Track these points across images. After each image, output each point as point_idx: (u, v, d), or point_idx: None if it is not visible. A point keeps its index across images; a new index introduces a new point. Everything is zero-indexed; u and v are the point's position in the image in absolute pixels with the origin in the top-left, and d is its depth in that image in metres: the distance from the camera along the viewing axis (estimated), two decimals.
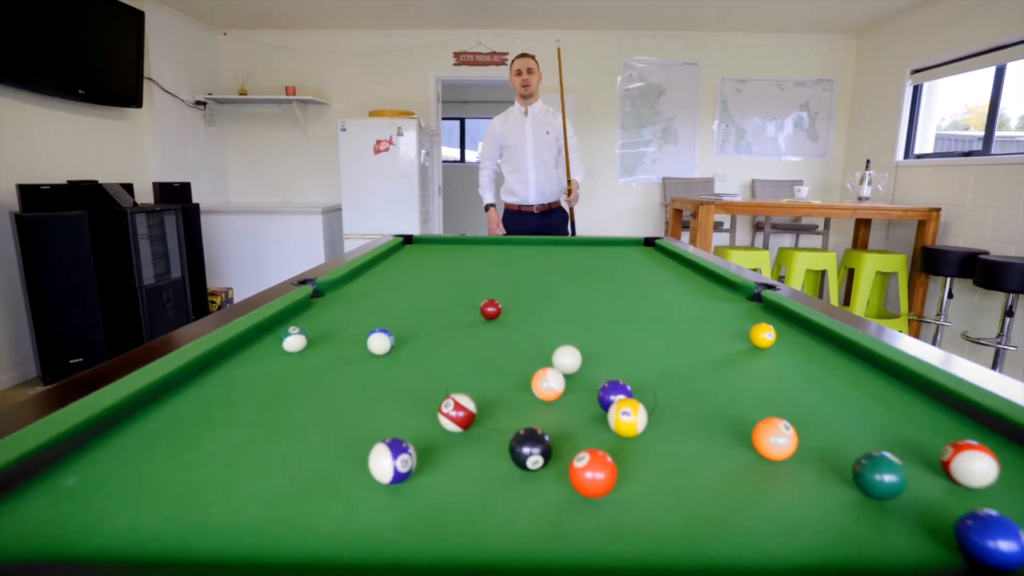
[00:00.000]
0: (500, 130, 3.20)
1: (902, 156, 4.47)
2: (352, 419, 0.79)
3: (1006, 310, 3.21)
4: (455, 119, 8.27)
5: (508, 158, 3.21)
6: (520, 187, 3.21)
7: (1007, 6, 3.50)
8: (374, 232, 4.63)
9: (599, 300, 1.60)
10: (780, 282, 1.52)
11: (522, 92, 3.10)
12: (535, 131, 3.14)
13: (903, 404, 0.86)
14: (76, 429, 0.68)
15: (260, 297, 1.43)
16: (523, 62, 3.08)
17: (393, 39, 5.07)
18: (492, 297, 1.38)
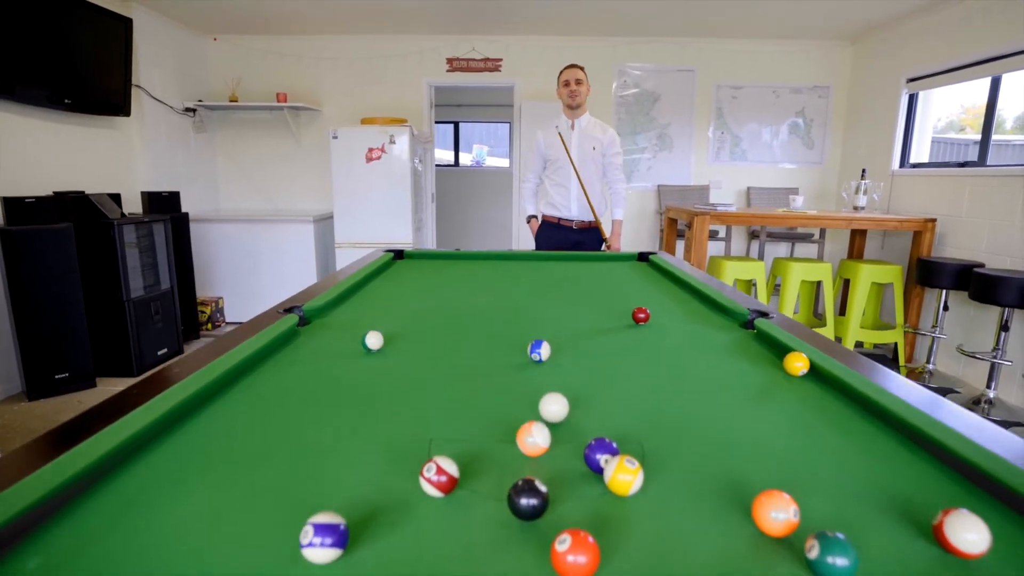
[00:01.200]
0: (545, 142, 3.16)
1: (898, 165, 4.45)
2: (324, 480, 0.75)
3: (1001, 324, 3.19)
4: (449, 123, 8.23)
5: (552, 171, 3.18)
6: (562, 201, 3.17)
7: (1004, 17, 3.49)
8: (366, 241, 4.58)
9: (589, 326, 1.57)
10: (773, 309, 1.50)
11: (569, 103, 3.06)
12: (581, 144, 3.09)
13: (896, 456, 0.84)
14: (42, 500, 0.64)
15: (245, 329, 1.39)
16: (571, 73, 3.03)
17: (386, 44, 5.03)
18: (480, 321, 1.35)
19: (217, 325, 4.64)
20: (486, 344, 1.39)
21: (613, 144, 3.13)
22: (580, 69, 3.04)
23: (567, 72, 3.04)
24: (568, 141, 3.08)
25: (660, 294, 2.03)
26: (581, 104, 3.06)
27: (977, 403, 3.29)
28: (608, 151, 3.12)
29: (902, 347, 3.97)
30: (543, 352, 1.23)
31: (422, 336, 1.44)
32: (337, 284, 1.86)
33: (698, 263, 3.85)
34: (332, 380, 1.12)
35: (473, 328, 1.54)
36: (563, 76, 3.05)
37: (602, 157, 3.12)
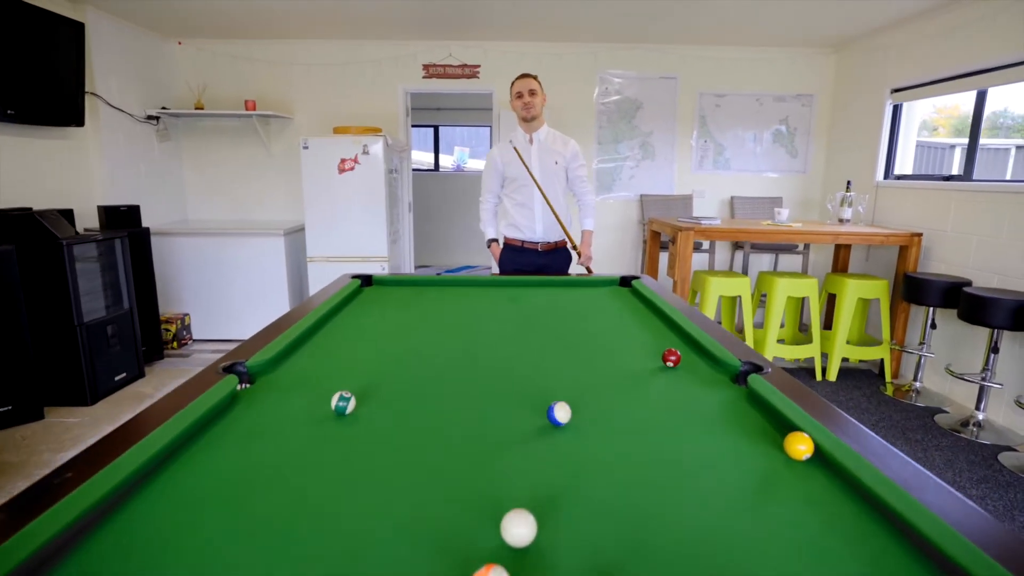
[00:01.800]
0: (502, 159, 2.91)
1: (882, 176, 4.38)
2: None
3: (991, 346, 3.12)
4: (429, 126, 8.05)
5: (512, 190, 2.93)
6: (525, 222, 2.93)
7: (990, 29, 3.42)
8: (340, 255, 4.40)
9: (572, 378, 1.43)
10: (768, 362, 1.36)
11: (524, 115, 2.81)
12: (542, 160, 2.87)
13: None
14: None
15: (175, 396, 1.23)
16: (523, 83, 2.77)
17: (359, 50, 4.84)
18: (459, 370, 1.20)
19: (183, 343, 4.43)
20: (466, 403, 1.25)
21: (576, 156, 2.92)
22: (533, 78, 2.79)
23: (519, 82, 2.79)
24: (527, 157, 2.86)
25: (644, 331, 1.90)
26: (537, 116, 2.82)
27: (966, 425, 3.22)
28: (571, 164, 2.91)
29: (888, 363, 3.89)
30: (561, 415, 1.13)
31: (389, 397, 1.29)
32: (291, 328, 1.70)
33: (682, 280, 3.74)
34: (273, 468, 0.97)
35: (452, 380, 1.40)
36: (515, 87, 2.79)
37: (565, 171, 2.92)
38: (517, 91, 2.78)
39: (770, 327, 3.82)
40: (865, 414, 3.38)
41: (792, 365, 4.14)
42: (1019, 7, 3.24)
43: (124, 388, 3.57)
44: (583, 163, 2.95)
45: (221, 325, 4.55)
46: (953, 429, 3.22)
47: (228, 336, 4.55)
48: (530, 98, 2.76)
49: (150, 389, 3.56)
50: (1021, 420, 3.14)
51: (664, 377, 1.49)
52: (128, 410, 3.24)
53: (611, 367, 1.57)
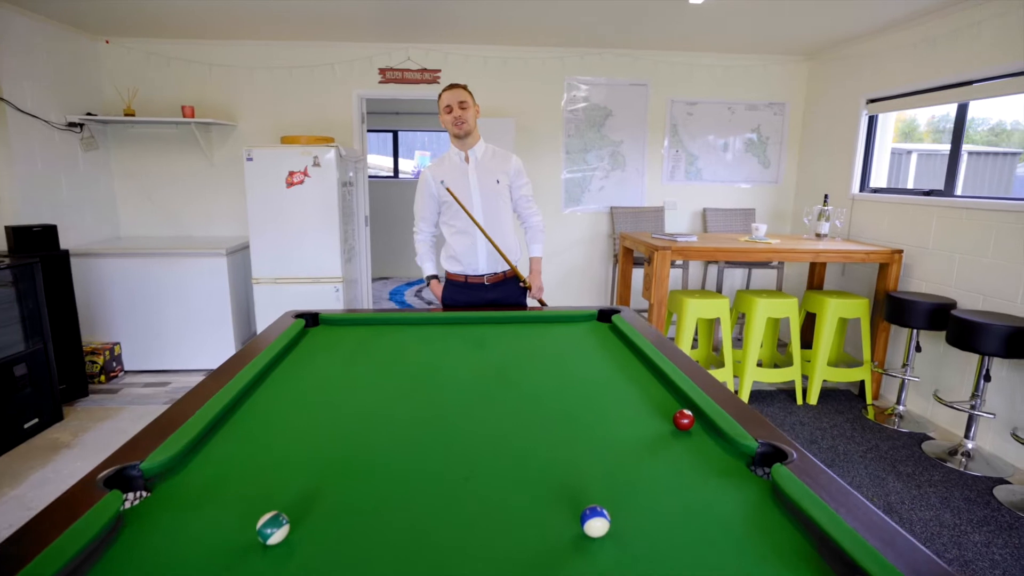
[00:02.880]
0: (436, 182, 2.54)
1: (858, 189, 4.26)
2: None
3: (982, 373, 2.98)
4: (387, 131, 7.69)
5: (450, 216, 2.56)
6: (467, 254, 2.56)
7: (972, 41, 3.30)
8: (288, 276, 4.03)
9: (554, 461, 1.15)
10: (791, 449, 1.08)
11: (456, 132, 2.47)
12: (481, 181, 2.52)
13: None
14: None
15: (44, 519, 0.91)
16: (452, 95, 2.42)
17: (310, 52, 4.47)
18: (424, 458, 0.90)
19: (113, 375, 3.99)
20: (447, 515, 0.96)
21: (520, 174, 2.60)
22: (463, 89, 2.45)
23: (447, 94, 2.43)
24: (464, 177, 2.52)
25: (634, 383, 1.65)
26: (471, 131, 2.48)
27: (953, 454, 3.09)
28: (515, 182, 2.59)
29: (869, 385, 3.76)
30: (596, 529, 0.93)
31: (337, 510, 0.98)
32: (209, 403, 1.37)
33: (659, 302, 3.52)
34: None
35: (421, 477, 1.11)
36: (442, 99, 2.44)
37: (508, 190, 2.58)
38: (445, 104, 2.44)
39: (749, 352, 3.63)
40: (851, 443, 3.22)
41: (772, 388, 3.97)
42: (1001, 20, 3.12)
43: (36, 436, 3.13)
44: (528, 181, 2.64)
45: (156, 354, 4.12)
46: (940, 458, 3.08)
47: (164, 366, 4.13)
48: (461, 111, 2.42)
49: (67, 436, 3.14)
50: (1010, 448, 3.02)
51: (670, 457, 1.24)
52: (39, 462, 2.83)
53: (607, 439, 1.32)
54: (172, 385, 3.90)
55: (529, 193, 2.65)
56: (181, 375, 4.09)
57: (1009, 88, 3.13)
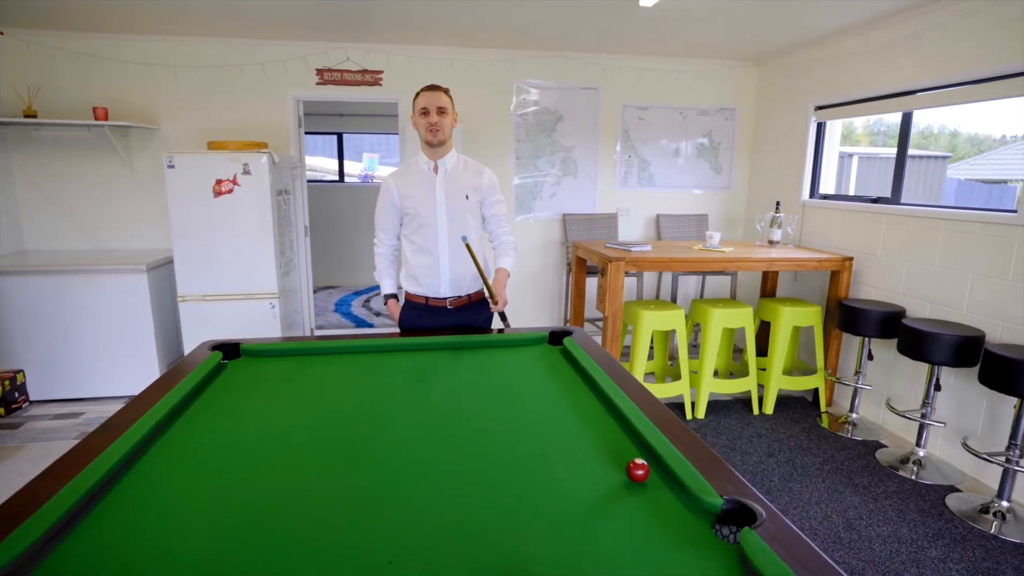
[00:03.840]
0: (400, 191, 2.29)
1: (808, 195, 4.26)
2: None
3: (932, 382, 2.98)
4: (332, 134, 7.36)
5: (412, 231, 2.31)
6: (427, 274, 2.31)
7: (916, 51, 3.31)
8: (218, 293, 3.72)
9: (464, 542, 0.98)
10: (759, 508, 0.91)
11: (429, 139, 2.22)
12: (450, 194, 2.28)
13: None
14: None
15: None
16: (431, 98, 2.18)
17: (239, 50, 4.16)
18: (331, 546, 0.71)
19: (15, 407, 3.58)
20: None
21: (494, 190, 2.37)
22: (443, 92, 2.20)
23: (425, 96, 2.18)
24: (431, 189, 2.28)
25: (587, 423, 1.49)
26: (446, 140, 2.24)
27: (905, 462, 3.08)
28: (488, 199, 2.35)
29: (823, 392, 3.75)
30: None
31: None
32: (84, 472, 1.13)
33: (614, 315, 3.40)
34: None
35: (332, 565, 0.90)
36: (419, 101, 2.19)
37: (479, 207, 2.35)
38: (422, 107, 2.19)
39: (706, 363, 3.56)
40: (808, 455, 3.17)
41: (729, 398, 3.92)
42: (944, 30, 3.13)
43: None
44: (502, 199, 2.41)
45: (68, 382, 3.73)
46: (893, 467, 3.06)
47: (77, 394, 3.75)
48: (438, 117, 2.18)
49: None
50: (959, 455, 3.03)
51: (627, 519, 1.08)
52: None
53: (558, 499, 1.15)
54: (85, 416, 3.53)
55: (502, 212, 2.42)
56: (97, 403, 3.72)
57: (950, 98, 3.15)
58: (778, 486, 2.86)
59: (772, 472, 2.99)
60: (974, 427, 2.97)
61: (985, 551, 2.40)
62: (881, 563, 2.32)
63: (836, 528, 2.53)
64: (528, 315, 4.89)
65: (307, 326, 4.69)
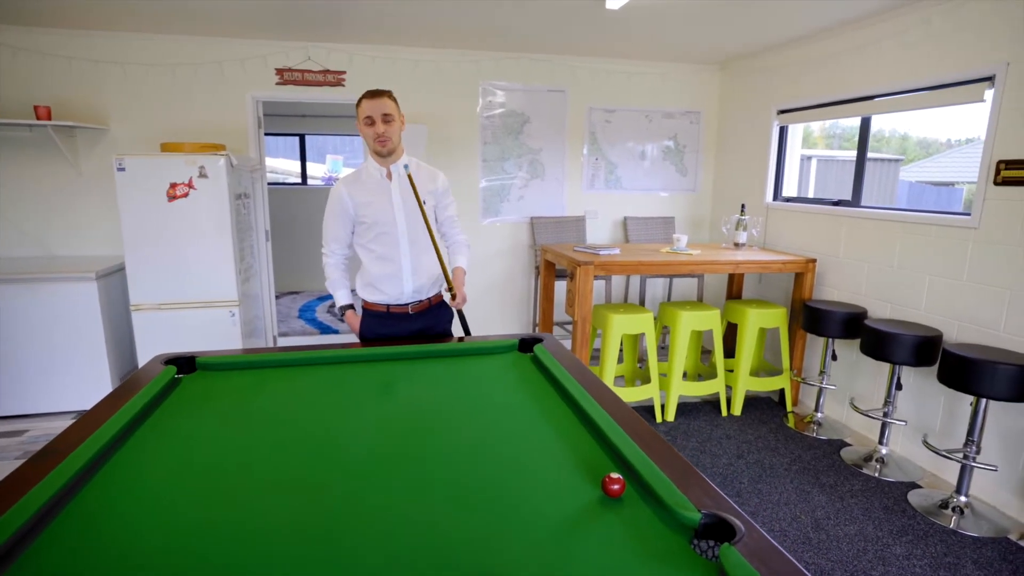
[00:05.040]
0: (352, 200, 2.20)
1: (771, 198, 4.33)
2: None
3: (893, 382, 3.04)
4: (294, 135, 7.18)
5: (369, 240, 2.24)
6: (389, 282, 2.26)
7: (874, 58, 3.38)
8: (175, 301, 3.57)
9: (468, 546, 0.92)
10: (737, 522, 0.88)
11: (378, 149, 2.15)
12: (406, 200, 2.22)
13: None
14: None
15: None
16: (374, 105, 2.08)
17: (194, 48, 4.00)
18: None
19: None
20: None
21: (447, 192, 2.36)
22: (387, 97, 2.11)
23: (368, 104, 2.09)
24: (386, 196, 2.22)
25: (557, 436, 1.44)
26: (394, 149, 2.17)
27: (869, 459, 3.14)
28: (442, 201, 2.34)
29: (789, 393, 3.81)
30: None
31: None
32: (16, 507, 1.03)
33: (583, 319, 3.38)
34: None
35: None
36: (363, 110, 2.10)
37: (434, 211, 2.32)
38: (366, 115, 2.10)
39: (675, 366, 3.57)
40: (776, 455, 3.21)
41: (698, 400, 3.94)
42: (901, 38, 3.22)
43: None
44: (454, 200, 2.39)
45: (11, 397, 3.52)
46: (857, 465, 3.12)
47: (22, 411, 3.54)
48: (385, 127, 2.10)
49: None
50: (920, 452, 3.11)
51: (604, 537, 1.05)
52: None
53: (532, 518, 1.11)
54: (30, 433, 3.34)
55: (455, 213, 2.40)
56: (43, 420, 3.51)
57: (906, 104, 3.23)
58: (748, 488, 2.88)
59: (742, 474, 3.01)
60: (933, 425, 3.05)
61: (946, 546, 2.46)
62: (849, 562, 2.35)
63: (805, 529, 2.56)
64: (496, 319, 4.85)
65: (269, 333, 4.55)
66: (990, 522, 2.60)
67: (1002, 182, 2.69)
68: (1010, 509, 2.68)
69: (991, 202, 2.75)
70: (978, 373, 2.47)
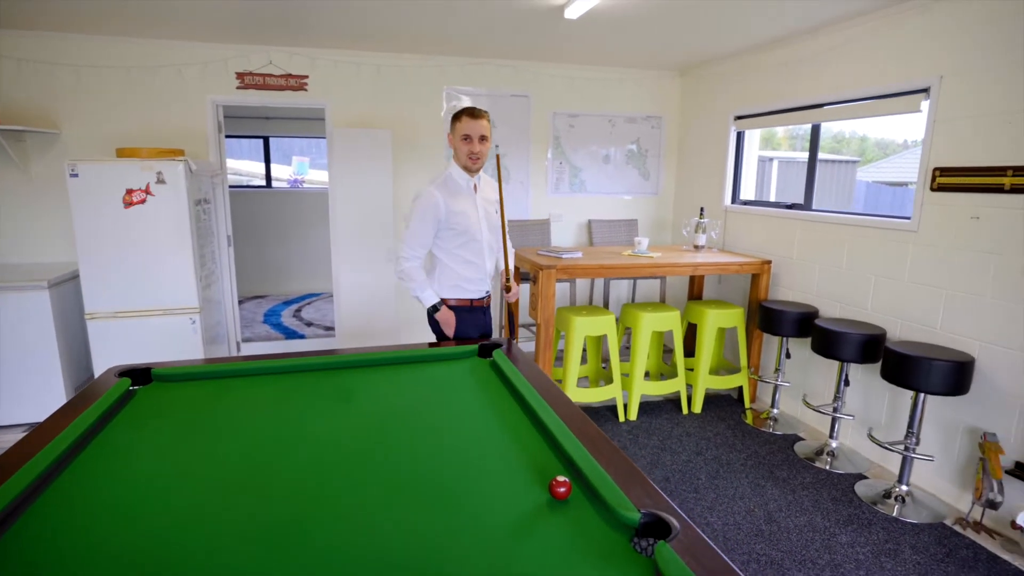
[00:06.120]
0: (447, 208, 2.39)
1: (730, 201, 4.46)
2: None
3: (842, 378, 3.18)
4: (258, 137, 7.09)
5: (456, 246, 2.48)
6: (477, 279, 2.57)
7: (824, 67, 3.52)
8: (132, 309, 3.50)
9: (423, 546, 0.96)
10: (673, 520, 0.95)
11: (469, 166, 2.41)
12: (486, 211, 2.52)
13: None
14: None
15: None
16: (475, 126, 2.33)
17: (151, 51, 3.93)
18: None
19: None
20: None
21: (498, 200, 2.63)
22: (485, 119, 2.36)
23: (469, 124, 2.33)
24: (474, 207, 2.47)
25: (512, 441, 1.49)
26: (482, 166, 2.47)
27: (820, 453, 3.28)
28: (497, 208, 2.59)
29: (747, 391, 3.93)
30: None
31: None
32: None
33: (546, 322, 3.44)
34: None
35: None
36: (461, 127, 2.34)
37: (497, 217, 2.59)
38: (464, 134, 2.34)
39: (637, 366, 3.66)
40: (733, 451, 3.32)
41: (660, 399, 4.04)
42: (847, 50, 3.36)
43: None
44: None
45: None
46: (809, 458, 3.25)
47: None
48: (480, 146, 2.36)
49: None
50: (866, 445, 3.25)
51: (550, 538, 1.10)
52: None
53: (484, 521, 1.16)
54: None
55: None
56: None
57: (852, 112, 3.37)
58: (705, 483, 2.98)
59: (700, 470, 3.11)
60: (879, 418, 3.20)
61: (887, 533, 2.59)
62: (798, 552, 2.45)
63: (758, 521, 2.66)
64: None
65: (232, 340, 4.49)
66: (928, 509, 2.75)
67: (938, 188, 2.84)
68: (947, 496, 2.84)
69: (928, 207, 2.90)
70: (916, 369, 2.61)
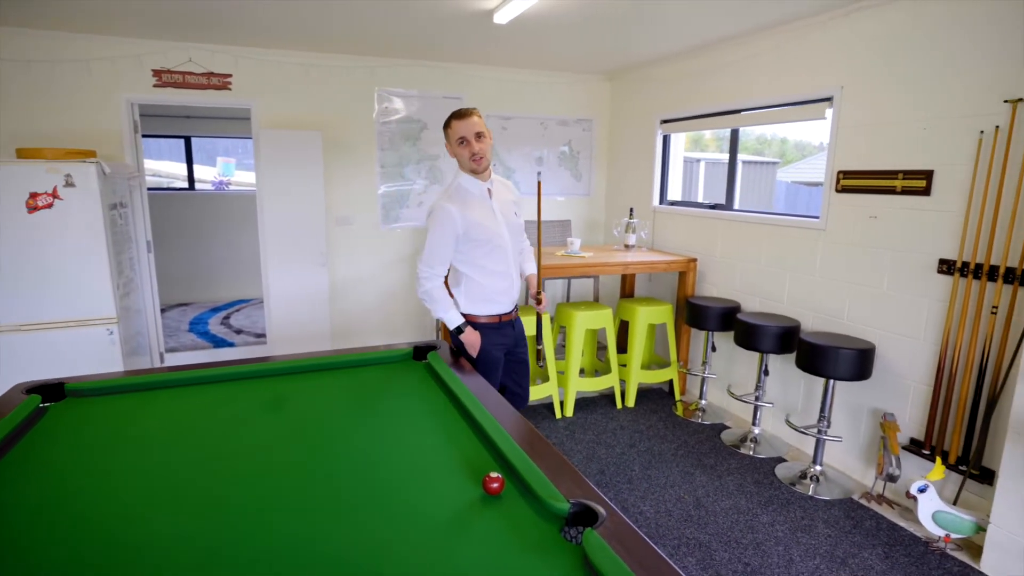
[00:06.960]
0: (465, 220, 2.19)
1: (658, 202, 4.65)
2: None
3: (762, 369, 3.39)
4: (179, 137, 6.76)
5: (481, 256, 2.28)
6: (504, 292, 2.36)
7: (743, 75, 3.73)
8: (42, 322, 3.27)
9: (354, 540, 0.97)
10: (602, 510, 1.01)
11: (475, 168, 2.20)
12: (505, 216, 2.32)
13: None
14: None
15: None
16: (466, 126, 2.15)
17: (53, 44, 3.68)
18: None
19: None
20: None
21: (520, 201, 2.50)
22: (475, 115, 2.18)
23: (459, 124, 2.16)
24: (492, 214, 2.28)
25: (446, 440, 1.52)
26: (488, 165, 2.25)
27: (744, 440, 3.47)
28: (519, 210, 2.45)
29: (677, 384, 4.11)
30: None
31: None
32: None
33: None
34: None
35: None
36: (455, 130, 2.17)
37: (520, 220, 2.45)
38: (459, 137, 2.16)
39: (572, 364, 3.75)
40: (665, 442, 3.47)
41: (595, 394, 4.16)
42: (761, 60, 3.57)
43: None
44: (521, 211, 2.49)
45: None
46: (735, 445, 3.44)
47: None
48: (479, 145, 2.16)
49: None
50: (785, 430, 3.47)
51: (482, 532, 1.14)
52: None
53: (415, 516, 1.18)
54: None
55: (523, 220, 2.53)
56: None
57: (766, 118, 3.60)
58: (639, 474, 3.09)
59: (634, 461, 3.23)
60: (796, 404, 3.43)
61: (803, 510, 2.78)
62: (724, 533, 2.60)
63: (687, 507, 2.80)
64: (397, 327, 4.84)
65: (155, 351, 4.27)
66: (839, 486, 2.97)
67: (841, 190, 3.08)
68: (854, 473, 3.08)
69: (834, 207, 3.14)
70: (825, 358, 2.81)
